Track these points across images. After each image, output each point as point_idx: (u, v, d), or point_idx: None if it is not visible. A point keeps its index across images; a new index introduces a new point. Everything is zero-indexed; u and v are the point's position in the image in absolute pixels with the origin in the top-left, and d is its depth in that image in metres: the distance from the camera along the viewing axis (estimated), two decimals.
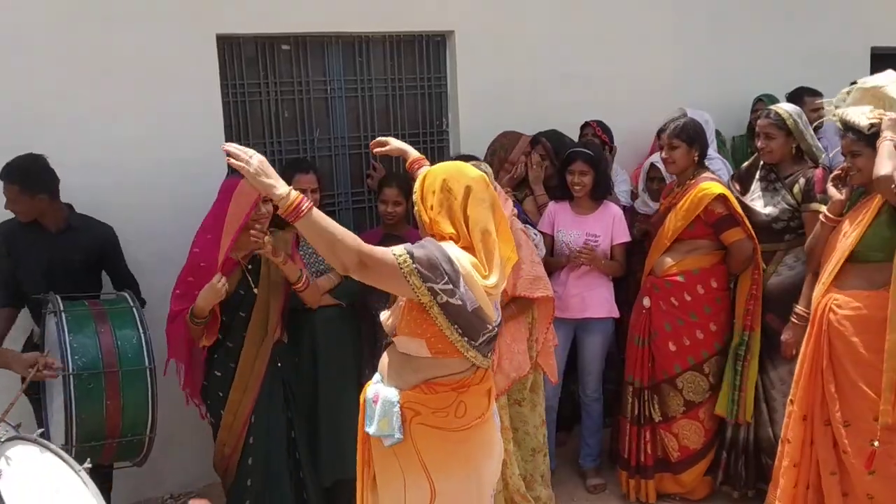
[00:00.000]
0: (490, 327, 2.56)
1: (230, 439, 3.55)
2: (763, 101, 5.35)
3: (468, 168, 2.65)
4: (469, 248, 2.53)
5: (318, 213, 2.36)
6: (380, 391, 2.59)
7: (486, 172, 3.77)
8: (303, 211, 2.32)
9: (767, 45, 5.76)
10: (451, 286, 2.40)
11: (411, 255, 2.39)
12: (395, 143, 3.26)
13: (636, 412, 4.19)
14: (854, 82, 5.37)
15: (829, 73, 5.64)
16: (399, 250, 2.41)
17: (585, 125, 4.93)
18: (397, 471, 2.56)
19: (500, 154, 4.48)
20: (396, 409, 2.52)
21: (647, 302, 4.12)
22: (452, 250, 2.48)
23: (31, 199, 3.66)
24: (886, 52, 6.37)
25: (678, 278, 4.04)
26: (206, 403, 3.64)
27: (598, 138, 4.82)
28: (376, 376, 2.71)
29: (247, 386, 3.53)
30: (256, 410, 3.55)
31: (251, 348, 3.53)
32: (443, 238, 2.56)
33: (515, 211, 3.92)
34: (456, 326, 2.46)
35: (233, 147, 2.33)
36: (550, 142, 4.58)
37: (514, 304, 3.72)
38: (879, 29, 6.22)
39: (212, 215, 3.48)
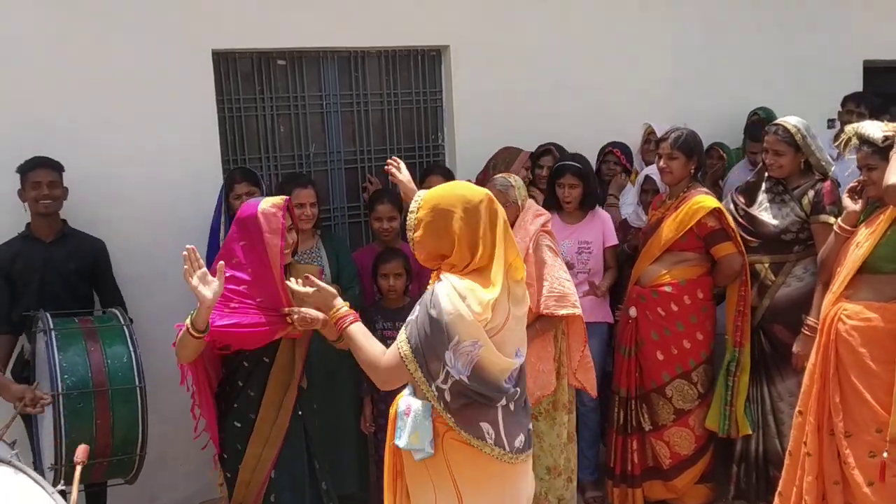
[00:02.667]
0: (505, 387, 2.44)
1: (248, 498, 3.22)
2: (759, 115, 5.35)
3: (461, 187, 2.53)
4: (475, 272, 2.43)
5: (354, 329, 2.58)
6: (411, 404, 2.51)
7: (513, 185, 3.80)
8: (345, 324, 2.60)
9: (760, 58, 5.79)
10: (447, 368, 2.35)
11: (410, 345, 2.39)
12: (404, 175, 3.44)
13: (622, 422, 4.22)
14: (847, 96, 5.44)
15: (822, 86, 5.69)
16: (402, 340, 2.42)
17: (608, 152, 4.94)
18: (428, 481, 2.51)
19: (501, 169, 4.49)
20: (428, 422, 2.46)
21: (633, 312, 4.15)
22: (443, 293, 2.36)
23: (63, 191, 3.77)
24: (878, 66, 6.42)
25: (666, 289, 4.06)
26: (222, 457, 3.31)
27: (620, 165, 4.87)
28: (408, 388, 2.62)
29: (268, 439, 3.22)
30: (278, 465, 3.25)
31: (274, 396, 3.22)
32: (437, 261, 2.49)
33: (549, 226, 3.90)
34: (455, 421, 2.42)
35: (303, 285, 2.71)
36: (559, 151, 4.62)
37: (539, 323, 3.70)
38: (872, 42, 6.25)
39: (240, 250, 3.16)
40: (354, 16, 4.55)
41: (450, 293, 2.35)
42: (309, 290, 2.72)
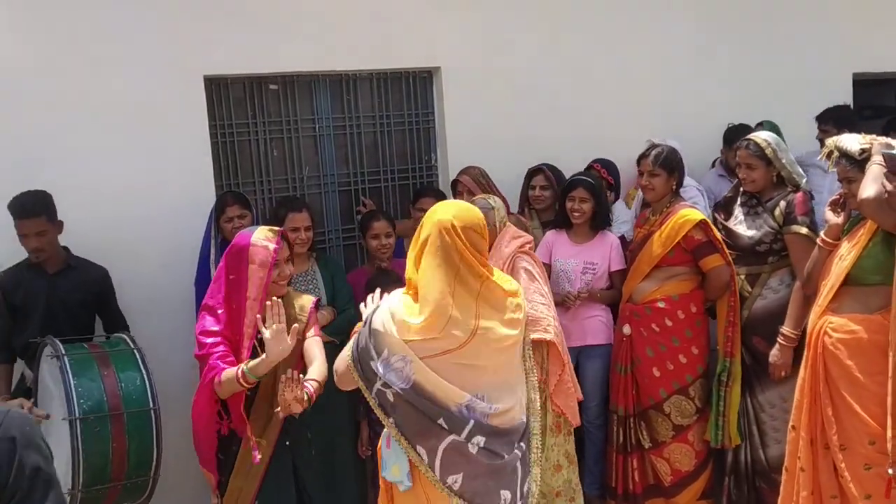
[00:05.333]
0: (453, 411, 2.40)
1: None
2: (763, 127, 5.34)
3: (437, 209, 2.55)
4: (412, 292, 2.48)
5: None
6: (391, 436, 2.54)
7: (494, 207, 3.84)
8: None
9: (751, 74, 5.82)
10: (380, 378, 2.43)
11: (351, 353, 2.52)
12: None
13: (621, 440, 4.22)
14: (817, 116, 5.46)
15: (812, 100, 5.71)
16: (347, 347, 2.57)
17: (589, 168, 4.95)
18: None
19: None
20: (405, 455, 2.47)
21: (627, 329, 4.16)
22: (381, 309, 2.49)
23: (53, 229, 3.71)
24: (868, 79, 6.45)
25: (659, 304, 4.08)
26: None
27: (603, 180, 4.87)
28: None
29: (248, 472, 3.19)
30: (262, 499, 3.20)
31: (255, 427, 3.17)
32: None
33: (528, 248, 3.91)
34: (395, 422, 2.44)
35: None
36: (552, 171, 4.64)
37: None
38: (861, 55, 6.28)
39: (226, 284, 3.16)
40: (345, 39, 4.59)
41: (385, 309, 2.47)
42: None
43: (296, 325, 2.98)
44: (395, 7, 4.69)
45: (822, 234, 3.56)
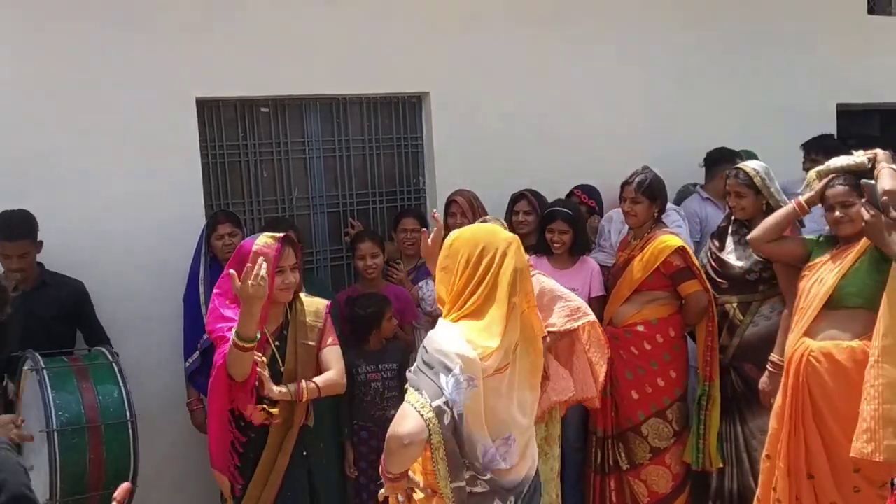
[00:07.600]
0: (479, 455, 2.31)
1: None
2: (741, 158, 5.43)
3: (483, 231, 2.51)
4: (472, 315, 2.37)
5: None
6: None
7: (504, 227, 3.83)
8: None
9: (735, 103, 5.91)
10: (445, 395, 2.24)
11: (435, 411, 2.24)
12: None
13: (599, 461, 4.26)
14: (819, 136, 5.55)
15: (797, 130, 5.80)
16: (423, 405, 2.25)
17: (570, 194, 5.03)
18: None
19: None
20: None
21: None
22: (442, 336, 2.32)
23: (35, 250, 3.75)
24: (852, 109, 6.55)
25: (638, 328, 4.14)
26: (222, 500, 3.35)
27: (584, 205, 4.94)
28: None
29: (267, 481, 3.19)
30: None
31: (276, 436, 3.20)
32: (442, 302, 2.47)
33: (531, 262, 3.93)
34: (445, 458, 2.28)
35: None
36: (535, 196, 4.70)
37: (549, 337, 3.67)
38: (845, 86, 6.39)
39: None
40: (336, 64, 4.66)
41: (450, 335, 2.31)
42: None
43: (262, 260, 2.92)
44: (386, 33, 4.78)
45: (801, 196, 3.61)
